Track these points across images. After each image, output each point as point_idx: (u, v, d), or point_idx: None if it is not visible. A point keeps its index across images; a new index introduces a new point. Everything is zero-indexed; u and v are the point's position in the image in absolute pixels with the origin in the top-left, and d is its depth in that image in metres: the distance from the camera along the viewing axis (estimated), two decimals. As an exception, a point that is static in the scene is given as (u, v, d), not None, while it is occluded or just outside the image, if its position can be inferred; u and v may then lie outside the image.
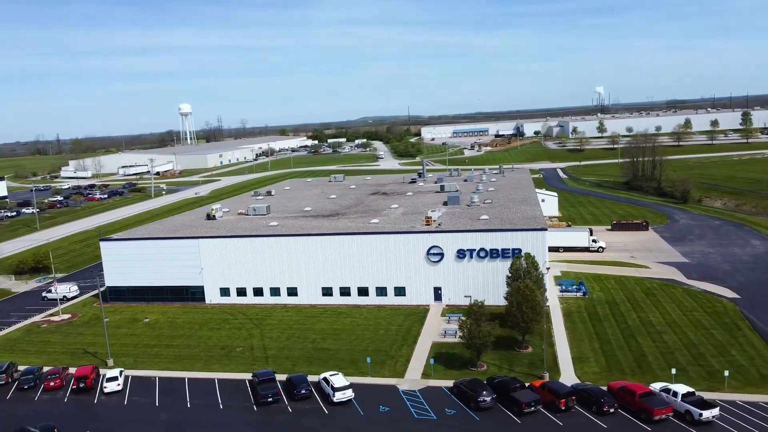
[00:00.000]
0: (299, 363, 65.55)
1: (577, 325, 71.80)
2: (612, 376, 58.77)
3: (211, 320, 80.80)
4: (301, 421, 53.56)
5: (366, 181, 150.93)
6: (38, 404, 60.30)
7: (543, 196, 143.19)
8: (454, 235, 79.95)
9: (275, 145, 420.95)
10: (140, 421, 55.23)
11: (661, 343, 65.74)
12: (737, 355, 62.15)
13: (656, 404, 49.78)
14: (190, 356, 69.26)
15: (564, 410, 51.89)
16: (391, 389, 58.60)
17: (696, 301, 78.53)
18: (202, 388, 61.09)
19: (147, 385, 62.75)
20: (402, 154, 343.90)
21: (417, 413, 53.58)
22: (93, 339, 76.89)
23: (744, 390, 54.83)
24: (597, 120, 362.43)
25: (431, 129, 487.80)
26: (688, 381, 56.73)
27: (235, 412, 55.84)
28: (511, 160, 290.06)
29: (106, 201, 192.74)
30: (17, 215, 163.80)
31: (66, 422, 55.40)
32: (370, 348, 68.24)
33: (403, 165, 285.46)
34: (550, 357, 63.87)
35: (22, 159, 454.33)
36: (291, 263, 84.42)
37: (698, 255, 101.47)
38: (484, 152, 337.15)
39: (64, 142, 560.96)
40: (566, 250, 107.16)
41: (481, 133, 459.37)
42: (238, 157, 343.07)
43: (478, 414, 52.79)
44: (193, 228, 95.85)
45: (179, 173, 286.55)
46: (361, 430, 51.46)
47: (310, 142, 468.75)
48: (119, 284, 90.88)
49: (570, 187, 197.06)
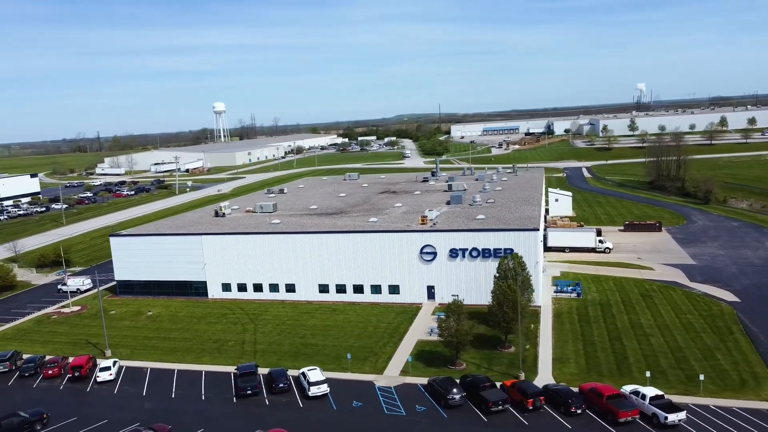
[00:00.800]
0: (285, 358, 67.31)
1: (565, 326, 71.65)
2: (589, 377, 58.73)
3: (210, 314, 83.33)
4: (275, 414, 55.23)
5: (379, 180, 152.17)
6: (36, 391, 63.57)
7: (557, 196, 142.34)
8: (446, 235, 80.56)
9: (305, 143, 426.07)
10: (126, 410, 57.77)
11: (647, 346, 65.20)
12: (722, 359, 61.27)
13: (622, 406, 49.72)
14: (184, 349, 71.77)
15: (531, 410, 52.25)
16: (368, 385, 59.78)
17: (693, 304, 77.37)
18: (188, 380, 63.41)
19: (138, 376, 65.43)
20: (428, 152, 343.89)
21: (388, 409, 54.66)
22: (98, 330, 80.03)
23: (720, 395, 54.15)
24: (629, 118, 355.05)
25: (461, 127, 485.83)
26: (665, 384, 56.43)
27: (215, 404, 57.90)
28: (537, 158, 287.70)
29: (132, 197, 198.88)
30: (46, 210, 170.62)
31: (58, 408, 58.44)
32: (356, 345, 69.56)
33: (428, 163, 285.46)
34: (531, 357, 64.19)
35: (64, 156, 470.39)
36: (289, 260, 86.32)
37: (707, 257, 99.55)
38: (511, 150, 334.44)
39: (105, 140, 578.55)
40: (572, 251, 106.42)
41: (511, 131, 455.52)
42: (266, 155, 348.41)
43: (447, 411, 53.56)
44: (200, 225, 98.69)
45: (207, 170, 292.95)
46: (331, 424, 52.79)
47: (341, 140, 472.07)
48: (128, 278, 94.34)
49: (591, 186, 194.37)
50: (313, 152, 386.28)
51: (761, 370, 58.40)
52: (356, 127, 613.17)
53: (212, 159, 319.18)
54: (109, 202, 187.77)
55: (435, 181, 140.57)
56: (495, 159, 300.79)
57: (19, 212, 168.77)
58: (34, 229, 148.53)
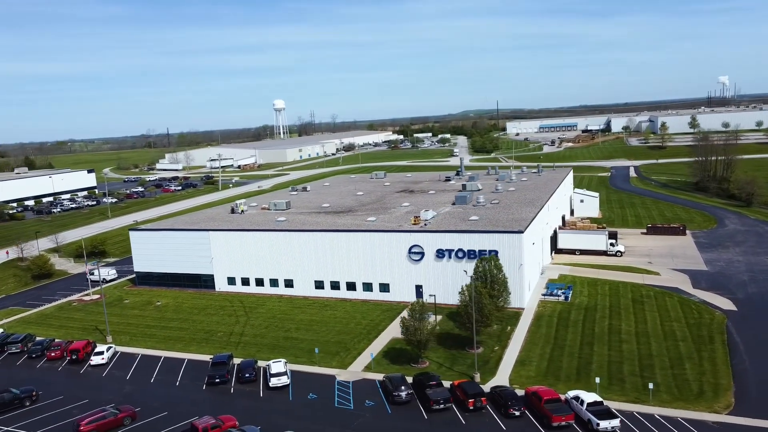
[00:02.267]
0: (264, 350, 70.88)
1: (541, 330, 71.66)
2: (544, 380, 59.04)
3: (211, 306, 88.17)
4: (235, 402, 58.82)
5: (404, 179, 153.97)
6: (37, 371, 70.01)
7: (582, 197, 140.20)
8: (433, 235, 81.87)
9: (359, 140, 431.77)
10: (107, 391, 62.90)
11: (616, 352, 64.55)
12: (689, 368, 60.03)
13: (556, 411, 50.09)
14: (176, 338, 76.70)
15: (472, 410, 53.36)
16: (330, 379, 62.39)
17: (685, 312, 75.46)
18: (171, 367, 68.05)
19: (129, 361, 70.73)
20: (478, 149, 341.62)
21: (338, 402, 57.12)
22: (110, 318, 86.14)
23: (671, 404, 53.41)
24: (690, 115, 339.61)
25: (516, 124, 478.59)
26: (620, 391, 56.21)
27: (186, 390, 62.12)
28: (587, 157, 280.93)
29: (178, 192, 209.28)
30: (97, 204, 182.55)
31: (50, 387, 64.45)
32: (332, 340, 72.28)
33: (474, 162, 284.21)
34: (495, 358, 64.97)
35: (134, 151, 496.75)
36: (287, 257, 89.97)
37: (722, 263, 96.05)
38: (563, 148, 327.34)
39: (173, 136, 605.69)
40: (583, 253, 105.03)
41: (568, 128, 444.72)
42: (318, 151, 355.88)
43: (393, 407, 55.47)
44: (215, 221, 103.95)
45: (258, 167, 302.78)
46: (281, 413, 55.80)
47: (395, 137, 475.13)
48: (145, 270, 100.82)
49: (632, 187, 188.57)
50: (365, 149, 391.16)
51: (725, 382, 56.97)
52: (414, 124, 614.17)
53: (264, 156, 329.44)
54: (156, 197, 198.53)
55: (456, 180, 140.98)
56: (544, 157, 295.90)
57: (72, 205, 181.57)
58: (82, 222, 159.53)
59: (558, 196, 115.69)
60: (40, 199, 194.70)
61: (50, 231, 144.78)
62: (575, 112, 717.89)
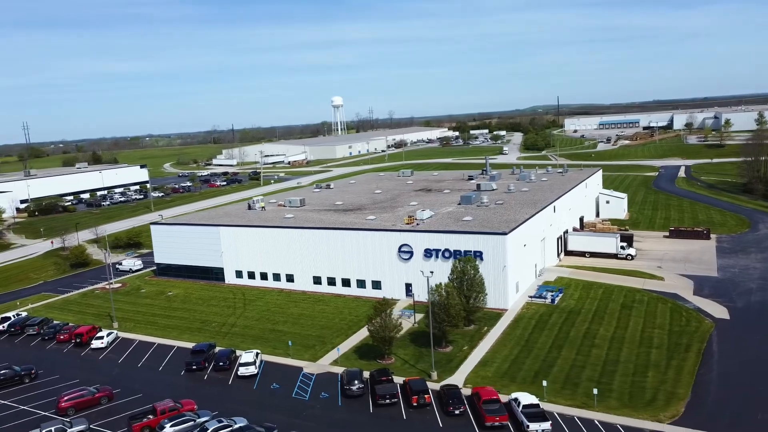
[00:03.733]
0: (247, 340, 74.84)
1: (516, 331, 72.00)
2: (500, 381, 59.84)
3: (215, 298, 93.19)
4: (204, 388, 63.01)
5: (429, 177, 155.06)
6: (46, 351, 76.86)
7: (608, 198, 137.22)
8: (422, 235, 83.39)
9: (413, 137, 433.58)
10: (98, 372, 68.61)
11: (583, 357, 64.30)
12: (652, 376, 59.23)
13: (490, 411, 51.10)
14: (174, 326, 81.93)
15: (416, 406, 55.05)
16: (297, 371, 65.46)
17: (672, 319, 73.81)
18: (160, 353, 73.09)
19: (126, 346, 76.42)
20: (529, 147, 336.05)
21: (296, 393, 60.11)
22: (124, 305, 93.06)
23: (616, 411, 53.19)
24: (757, 111, 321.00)
25: (575, 120, 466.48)
26: (570, 395, 56.40)
27: (166, 375, 66.85)
28: (640, 156, 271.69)
29: (223, 187, 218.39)
30: (144, 198, 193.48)
31: (50, 366, 71.04)
32: (313, 334, 75.38)
33: (520, 159, 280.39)
34: (461, 357, 66.15)
35: (197, 147, 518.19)
36: (288, 252, 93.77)
37: (735, 269, 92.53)
38: (618, 147, 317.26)
39: (237, 133, 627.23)
40: (593, 256, 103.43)
41: (630, 125, 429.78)
42: (368, 148, 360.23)
43: (345, 400, 57.94)
44: (230, 216, 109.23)
45: (306, 163, 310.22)
46: (239, 400, 59.43)
47: (450, 134, 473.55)
48: (164, 262, 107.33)
49: (674, 188, 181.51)
50: (417, 146, 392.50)
51: (682, 391, 56.01)
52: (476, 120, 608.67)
53: (315, 152, 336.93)
54: (201, 191, 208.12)
55: (478, 179, 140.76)
56: (596, 155, 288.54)
57: (121, 199, 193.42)
58: (127, 214, 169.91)
59: (572, 197, 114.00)
60: (95, 192, 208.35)
61: (97, 223, 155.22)
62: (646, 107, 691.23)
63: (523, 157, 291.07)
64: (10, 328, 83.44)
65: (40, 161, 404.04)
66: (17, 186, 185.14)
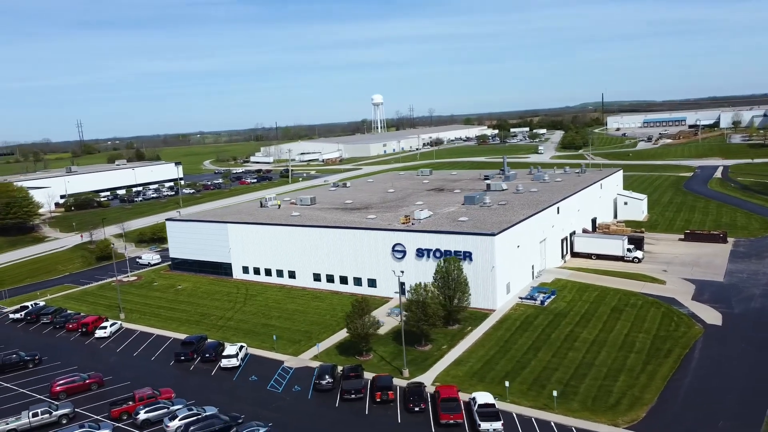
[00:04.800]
0: (239, 334, 77.76)
1: (498, 332, 72.44)
2: (469, 381, 60.70)
3: (219, 292, 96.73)
4: (187, 378, 66.23)
5: (447, 176, 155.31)
6: (55, 338, 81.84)
7: (626, 199, 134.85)
8: (414, 235, 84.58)
9: (451, 135, 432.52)
10: (96, 360, 72.77)
11: (557, 359, 64.36)
12: (622, 380, 58.96)
13: (445, 409, 52.20)
14: (175, 318, 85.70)
15: (379, 402, 56.56)
16: (278, 364, 67.85)
17: (662, 323, 72.83)
18: (157, 343, 76.82)
19: (127, 336, 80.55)
20: (566, 145, 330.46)
21: (272, 386, 62.48)
22: (135, 297, 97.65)
23: (575, 414, 53.40)
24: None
25: (618, 118, 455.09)
26: (534, 397, 56.82)
27: (156, 365, 70.40)
28: (679, 155, 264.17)
29: (253, 184, 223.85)
30: (176, 194, 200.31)
31: (55, 352, 75.85)
32: (302, 329, 77.73)
33: (555, 159, 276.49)
34: (437, 356, 67.20)
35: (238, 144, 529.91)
36: (290, 249, 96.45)
37: (744, 275, 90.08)
38: (659, 146, 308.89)
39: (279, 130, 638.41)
40: (599, 258, 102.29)
41: (676, 122, 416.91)
42: (403, 146, 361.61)
43: (315, 394, 60.00)
44: (242, 214, 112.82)
45: (340, 161, 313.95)
46: (215, 389, 62.35)
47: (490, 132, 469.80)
48: (179, 256, 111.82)
49: (706, 189, 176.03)
50: (454, 144, 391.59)
51: (649, 397, 55.66)
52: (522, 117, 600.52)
53: (349, 150, 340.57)
54: (231, 188, 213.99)
55: (493, 179, 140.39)
56: (633, 154, 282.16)
57: (153, 195, 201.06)
58: (157, 210, 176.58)
59: (582, 198, 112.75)
60: (131, 189, 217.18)
61: (128, 218, 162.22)
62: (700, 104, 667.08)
63: (557, 156, 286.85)
64: (27, 317, 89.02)
65: (89, 158, 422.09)
66: (57, 182, 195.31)
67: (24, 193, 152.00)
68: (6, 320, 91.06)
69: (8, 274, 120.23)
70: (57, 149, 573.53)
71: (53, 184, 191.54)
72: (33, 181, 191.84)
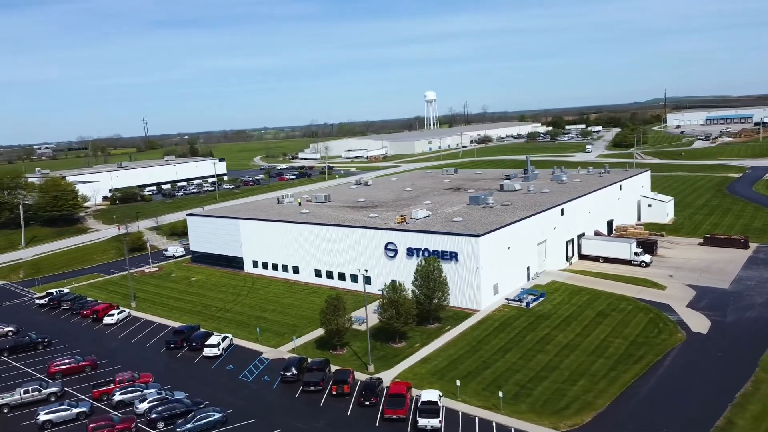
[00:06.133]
0: (231, 325, 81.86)
1: (474, 332, 73.26)
2: (430, 378, 62.13)
3: (227, 285, 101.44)
4: (171, 364, 70.82)
5: (470, 175, 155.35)
6: (69, 323, 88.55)
7: (650, 201, 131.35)
8: (405, 234, 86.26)
9: (501, 132, 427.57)
10: (99, 345, 78.51)
11: (524, 361, 64.76)
12: (580, 384, 58.96)
13: (390, 405, 54.08)
14: (180, 308, 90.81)
15: (335, 395, 58.99)
16: (257, 355, 71.32)
17: (645, 329, 71.75)
18: (156, 331, 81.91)
19: (133, 323, 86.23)
20: (617, 144, 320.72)
21: (244, 375, 65.96)
22: (150, 287, 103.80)
23: (520, 415, 53.95)
24: None
25: (678, 115, 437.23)
26: (486, 397, 57.61)
27: (149, 351, 75.35)
28: (735, 155, 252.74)
29: (291, 181, 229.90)
30: (215, 190, 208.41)
31: (66, 336, 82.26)
32: (290, 322, 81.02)
33: (601, 157, 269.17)
34: (409, 353, 68.93)
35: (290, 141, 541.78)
36: (295, 246, 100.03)
37: (752, 282, 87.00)
38: (716, 144, 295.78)
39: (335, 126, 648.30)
40: (606, 261, 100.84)
41: (742, 120, 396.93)
42: (449, 143, 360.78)
43: (281, 385, 63.02)
44: (257, 210, 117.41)
45: (383, 158, 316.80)
46: (192, 376, 66.39)
47: (543, 129, 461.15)
48: (198, 250, 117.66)
49: (750, 192, 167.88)
50: (503, 141, 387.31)
51: (601, 402, 55.56)
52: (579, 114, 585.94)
53: (395, 147, 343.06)
54: (269, 184, 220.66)
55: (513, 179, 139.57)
56: (686, 153, 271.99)
57: (194, 190, 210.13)
58: (195, 204, 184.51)
59: (595, 200, 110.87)
60: (176, 183, 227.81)
61: (166, 211, 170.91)
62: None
63: (604, 155, 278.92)
64: (50, 302, 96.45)
65: (150, 153, 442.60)
66: (105, 177, 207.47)
67: (70, 187, 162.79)
68: (32, 305, 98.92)
69: (48, 262, 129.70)
70: (127, 144, 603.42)
71: (102, 179, 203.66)
72: (84, 175, 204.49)
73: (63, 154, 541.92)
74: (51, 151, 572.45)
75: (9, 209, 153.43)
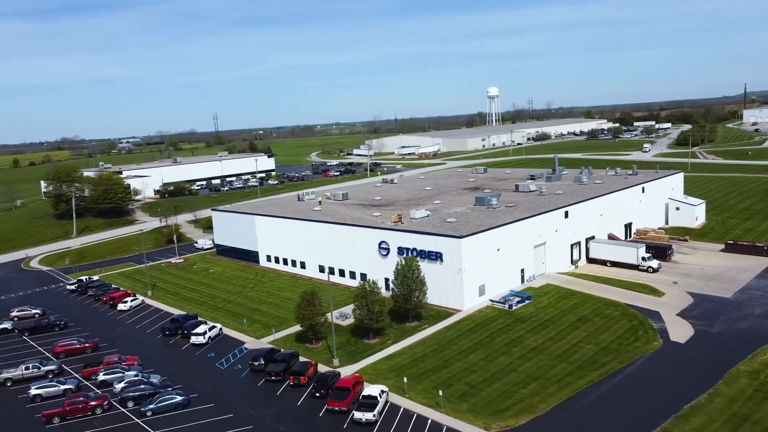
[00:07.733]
0: (227, 315, 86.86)
1: (448, 332, 74.49)
2: (387, 375, 64.33)
3: (239, 277, 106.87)
4: (162, 348, 76.43)
5: (499, 175, 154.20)
6: (88, 308, 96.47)
7: (678, 204, 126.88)
8: (396, 234, 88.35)
9: (561, 129, 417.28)
10: (108, 329, 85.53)
11: (484, 363, 65.65)
12: (532, 388, 59.50)
13: (333, 397, 56.98)
14: (189, 298, 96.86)
15: (293, 385, 62.68)
16: (240, 344, 75.75)
17: (622, 336, 70.89)
18: (160, 319, 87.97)
19: (144, 310, 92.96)
20: (681, 142, 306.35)
21: (219, 363, 70.44)
22: (171, 278, 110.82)
23: (457, 414, 55.32)
24: None
25: (756, 111, 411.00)
26: (432, 396, 59.06)
27: (146, 336, 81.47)
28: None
29: (335, 177, 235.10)
30: (260, 185, 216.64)
31: (82, 319, 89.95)
32: (281, 315, 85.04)
33: (660, 156, 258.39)
34: (378, 349, 71.31)
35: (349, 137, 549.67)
36: (300, 241, 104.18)
37: (757, 293, 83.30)
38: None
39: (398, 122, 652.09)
40: (614, 265, 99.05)
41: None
42: (504, 141, 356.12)
43: (249, 374, 67.03)
44: (277, 207, 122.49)
45: (434, 155, 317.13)
46: (174, 361, 71.64)
47: (609, 125, 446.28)
48: (221, 243, 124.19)
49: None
50: (563, 139, 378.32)
51: (543, 406, 56.00)
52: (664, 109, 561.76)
53: (448, 144, 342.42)
54: (312, 180, 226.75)
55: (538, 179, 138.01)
56: (753, 154, 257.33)
57: (239, 185, 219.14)
58: (237, 199, 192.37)
59: (608, 202, 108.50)
60: (224, 178, 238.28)
61: (208, 205, 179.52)
62: None
63: (662, 154, 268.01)
64: (78, 289, 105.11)
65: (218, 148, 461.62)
66: (157, 171, 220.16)
67: (120, 181, 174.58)
68: (64, 291, 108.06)
69: (91, 251, 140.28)
70: (200, 140, 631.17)
71: (155, 174, 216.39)
72: (140, 170, 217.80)
73: (140, 148, 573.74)
74: (131, 145, 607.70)
75: (65, 201, 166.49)
